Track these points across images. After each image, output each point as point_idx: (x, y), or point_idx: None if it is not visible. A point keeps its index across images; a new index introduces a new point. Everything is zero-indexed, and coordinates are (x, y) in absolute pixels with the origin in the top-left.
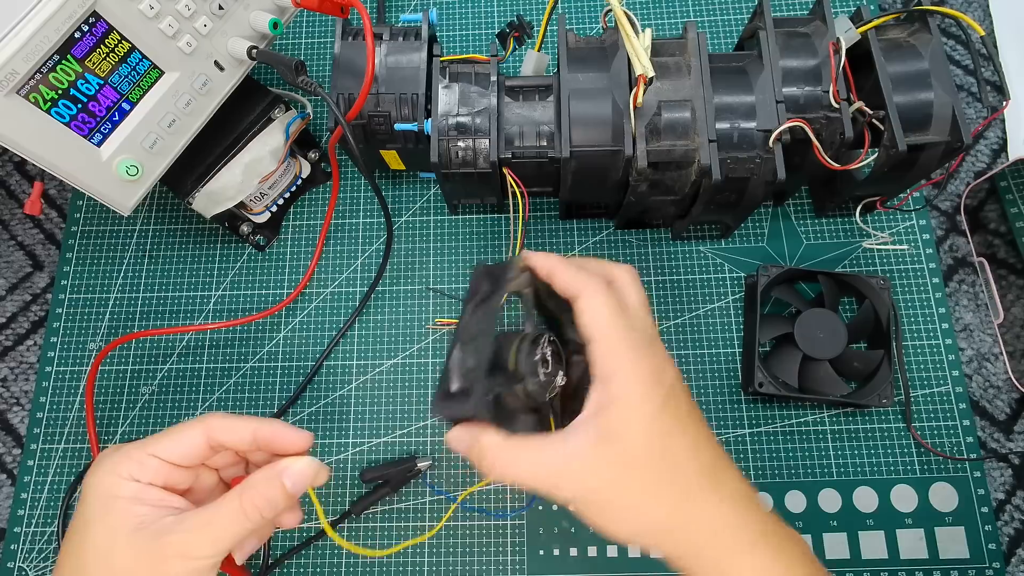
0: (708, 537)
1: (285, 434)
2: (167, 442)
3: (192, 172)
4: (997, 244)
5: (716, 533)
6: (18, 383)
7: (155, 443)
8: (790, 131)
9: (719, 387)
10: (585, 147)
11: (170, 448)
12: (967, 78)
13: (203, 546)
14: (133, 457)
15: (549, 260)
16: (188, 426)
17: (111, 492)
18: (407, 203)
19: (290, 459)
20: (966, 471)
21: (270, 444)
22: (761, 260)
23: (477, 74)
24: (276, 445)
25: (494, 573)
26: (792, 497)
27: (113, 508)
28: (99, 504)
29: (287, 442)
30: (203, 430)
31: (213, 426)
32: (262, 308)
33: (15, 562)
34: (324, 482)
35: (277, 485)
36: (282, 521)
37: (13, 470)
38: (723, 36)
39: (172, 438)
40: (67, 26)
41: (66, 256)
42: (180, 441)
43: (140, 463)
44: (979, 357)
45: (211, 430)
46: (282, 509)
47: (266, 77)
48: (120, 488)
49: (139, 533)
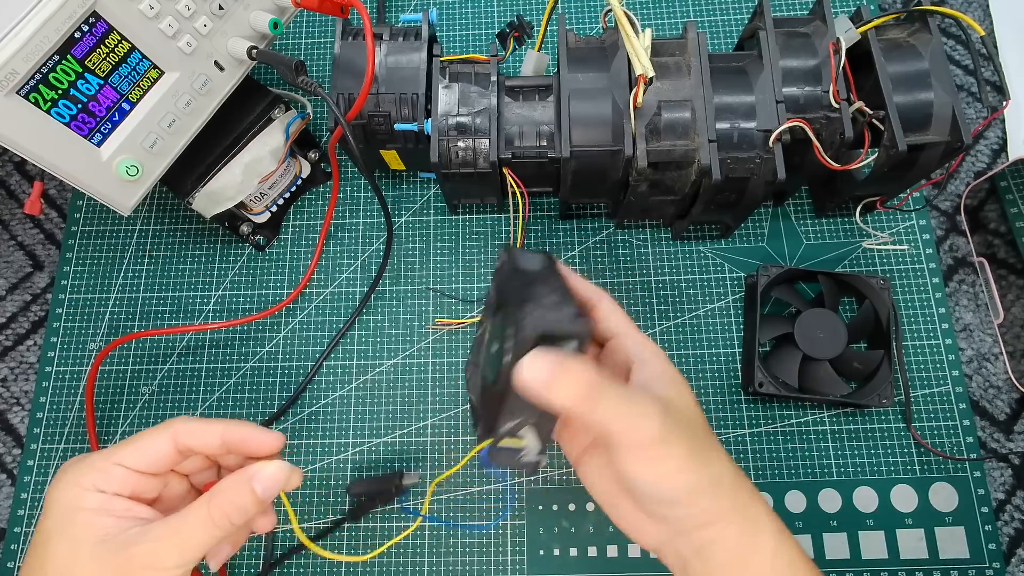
0: (748, 496)
1: (255, 436)
2: (132, 450)
3: (192, 172)
4: (997, 244)
5: (752, 493)
6: (18, 383)
7: (120, 451)
8: (790, 131)
9: (719, 387)
10: (585, 147)
11: (136, 456)
12: (967, 78)
13: (171, 556)
14: (97, 467)
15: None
16: (153, 432)
17: (74, 504)
18: (407, 203)
19: (260, 463)
20: (966, 471)
21: (240, 447)
22: (761, 260)
23: (477, 74)
24: (246, 448)
25: (494, 573)
26: (792, 497)
27: (76, 520)
28: (61, 517)
29: (258, 444)
30: (170, 436)
31: (179, 431)
32: (262, 308)
33: (15, 562)
34: (296, 486)
35: (247, 491)
36: (256, 526)
37: (13, 470)
38: (723, 36)
39: (137, 446)
40: (67, 26)
41: (66, 256)
42: (146, 449)
43: (104, 473)
44: (979, 357)
45: (178, 435)
46: (253, 515)
47: (266, 77)
48: (83, 500)
49: (104, 545)
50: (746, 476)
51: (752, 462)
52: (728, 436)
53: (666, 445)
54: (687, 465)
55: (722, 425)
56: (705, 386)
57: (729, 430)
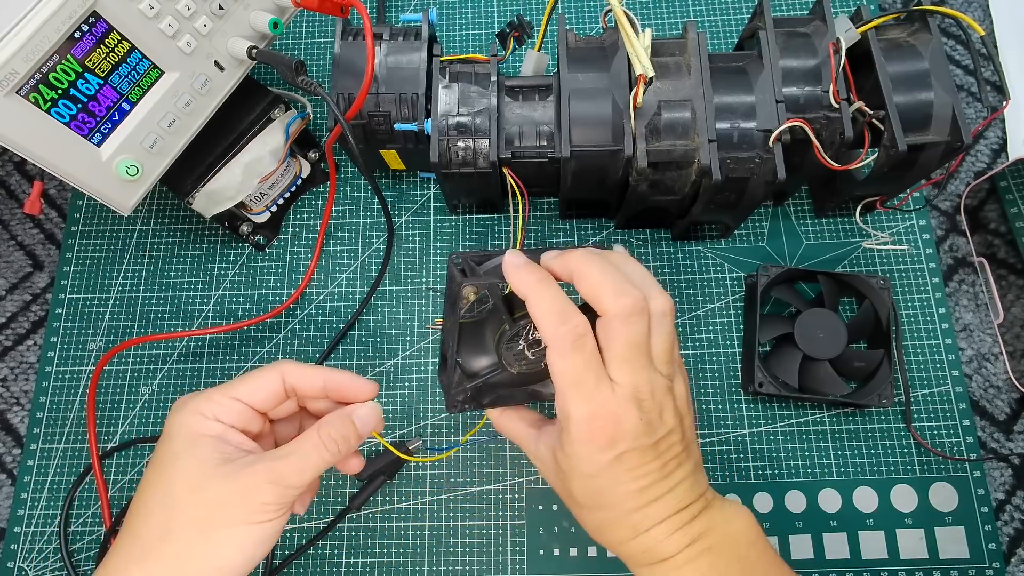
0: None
1: (354, 382)
2: (248, 386)
3: (192, 172)
4: (997, 244)
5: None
6: (18, 383)
7: (237, 387)
8: (790, 131)
9: (719, 387)
10: (585, 147)
11: (251, 392)
12: (967, 78)
13: (290, 473)
14: (215, 400)
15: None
16: (266, 371)
17: (197, 431)
18: (407, 203)
19: (356, 404)
20: (966, 471)
21: (339, 390)
22: (761, 260)
23: (477, 74)
24: (345, 392)
25: (494, 573)
26: (792, 497)
27: (201, 443)
28: (187, 440)
29: (356, 389)
30: (279, 374)
31: (288, 371)
32: (262, 308)
33: (15, 562)
34: (382, 427)
35: (349, 423)
36: (347, 466)
37: (13, 470)
38: (723, 36)
39: (252, 382)
40: (67, 26)
41: (66, 256)
42: (260, 385)
43: (223, 405)
44: (979, 357)
45: (286, 374)
46: (353, 447)
47: (266, 77)
48: (206, 427)
49: (229, 465)
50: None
51: (752, 462)
52: (728, 436)
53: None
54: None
55: (722, 425)
56: (705, 386)
57: (729, 430)
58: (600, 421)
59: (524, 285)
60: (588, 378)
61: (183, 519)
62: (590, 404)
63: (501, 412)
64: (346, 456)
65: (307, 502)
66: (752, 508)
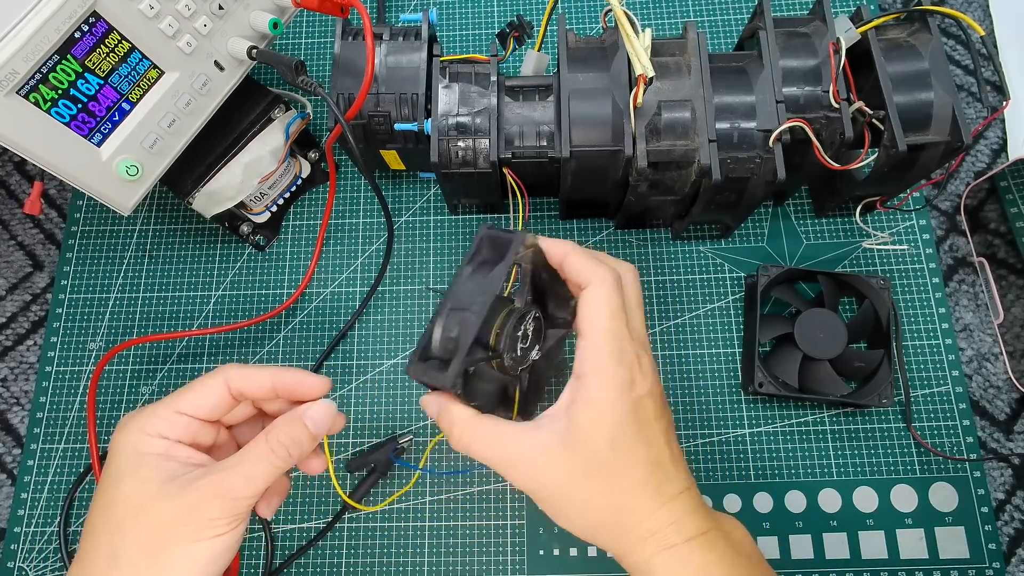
0: (642, 536)
1: (304, 380)
2: (192, 397)
3: (192, 172)
4: (997, 244)
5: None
6: (18, 383)
7: (179, 400)
8: (790, 131)
9: (719, 387)
10: (585, 147)
11: (195, 402)
12: (967, 78)
13: (237, 484)
14: (159, 415)
15: (564, 246)
16: (208, 379)
17: (140, 450)
18: (407, 203)
19: (309, 403)
20: (966, 471)
21: (289, 390)
22: (761, 260)
23: (477, 74)
24: (296, 391)
25: (494, 573)
26: (792, 497)
27: (143, 463)
28: (130, 460)
29: (307, 388)
30: (223, 380)
31: (232, 376)
32: (262, 308)
33: (15, 562)
34: (340, 429)
35: (300, 426)
36: (308, 467)
37: (13, 470)
38: (723, 36)
39: (196, 392)
40: (67, 26)
41: (66, 256)
42: (204, 395)
43: (167, 420)
44: (979, 357)
45: (231, 380)
46: (307, 450)
47: (266, 77)
48: (149, 445)
49: (173, 483)
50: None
51: (752, 462)
52: (728, 436)
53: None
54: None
55: (722, 425)
56: (705, 386)
57: (729, 430)
58: (628, 356)
59: (561, 245)
60: (622, 318)
61: (129, 543)
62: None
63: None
64: (300, 460)
65: (275, 505)
66: (752, 508)
